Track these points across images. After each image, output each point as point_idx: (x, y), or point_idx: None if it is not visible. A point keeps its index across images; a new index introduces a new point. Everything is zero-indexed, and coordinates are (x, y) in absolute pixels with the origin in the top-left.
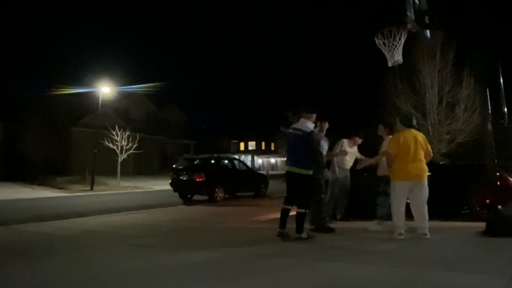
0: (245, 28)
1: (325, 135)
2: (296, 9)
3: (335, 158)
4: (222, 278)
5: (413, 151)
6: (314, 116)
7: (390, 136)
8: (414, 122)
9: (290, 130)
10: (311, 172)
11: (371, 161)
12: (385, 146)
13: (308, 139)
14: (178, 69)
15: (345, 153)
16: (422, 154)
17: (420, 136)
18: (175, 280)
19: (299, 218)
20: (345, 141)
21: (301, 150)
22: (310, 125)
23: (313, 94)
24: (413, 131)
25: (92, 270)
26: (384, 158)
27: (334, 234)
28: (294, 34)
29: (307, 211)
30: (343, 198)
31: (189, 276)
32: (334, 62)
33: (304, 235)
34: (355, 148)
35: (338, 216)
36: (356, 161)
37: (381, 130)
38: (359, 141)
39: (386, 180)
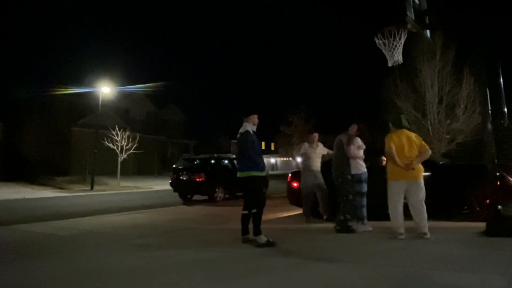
0: (245, 27)
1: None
2: (297, 9)
3: (300, 163)
4: (222, 277)
5: (407, 151)
6: (255, 117)
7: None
8: (405, 122)
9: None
10: (252, 173)
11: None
12: (353, 148)
13: (241, 139)
14: (178, 69)
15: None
16: (416, 153)
17: (413, 135)
18: (175, 279)
19: (253, 219)
20: (305, 144)
21: (240, 153)
22: (248, 127)
23: (313, 94)
24: (405, 131)
25: (92, 270)
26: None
27: (336, 234)
28: (294, 34)
29: (254, 211)
30: (325, 198)
31: (189, 276)
32: (335, 62)
33: (260, 239)
34: (321, 146)
35: (325, 216)
36: (329, 161)
37: (353, 129)
38: (316, 137)
39: (358, 180)
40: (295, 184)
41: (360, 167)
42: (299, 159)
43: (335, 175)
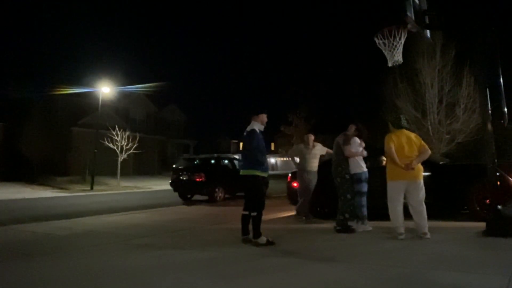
0: (245, 27)
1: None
2: (297, 8)
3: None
4: (222, 277)
5: (407, 151)
6: (263, 116)
7: (356, 138)
8: (404, 122)
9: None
10: (254, 173)
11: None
12: (350, 148)
13: (247, 137)
14: (178, 69)
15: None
16: (416, 153)
17: (413, 135)
18: (175, 279)
19: (252, 222)
20: (301, 145)
21: (245, 151)
22: (255, 126)
23: (313, 94)
24: (405, 131)
25: (92, 270)
26: (352, 159)
27: (335, 234)
28: (294, 34)
29: (254, 213)
30: (306, 198)
31: (189, 276)
32: (334, 62)
33: (261, 240)
34: (318, 147)
35: (296, 212)
36: (330, 161)
37: (351, 130)
38: (311, 138)
39: (355, 179)
40: (295, 184)
41: (360, 166)
42: (297, 159)
43: (334, 174)
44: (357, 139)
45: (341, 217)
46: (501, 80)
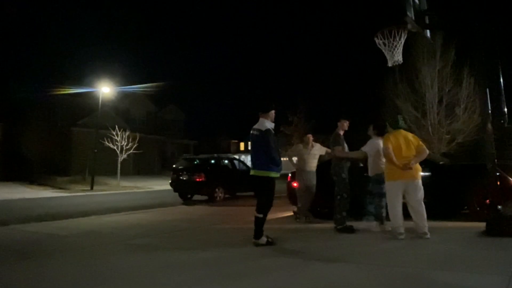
0: (245, 27)
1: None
2: (297, 8)
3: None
4: (222, 277)
5: (405, 151)
6: (273, 112)
7: (378, 138)
8: (401, 123)
9: (251, 131)
10: (269, 174)
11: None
12: (369, 147)
13: (264, 138)
14: (178, 69)
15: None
16: (414, 153)
17: (411, 135)
18: (175, 279)
19: (256, 223)
20: (300, 145)
21: (259, 151)
22: (267, 124)
23: (313, 94)
24: (403, 131)
25: (92, 270)
26: (373, 159)
27: (336, 234)
28: (294, 34)
29: (260, 215)
30: (308, 200)
31: (189, 276)
32: (334, 62)
33: (262, 241)
34: (317, 147)
35: (297, 217)
36: (329, 161)
37: (370, 130)
38: (309, 138)
39: (375, 180)
40: (295, 184)
41: (381, 167)
42: (295, 159)
43: (333, 173)
44: (378, 141)
45: (338, 216)
46: (501, 80)
